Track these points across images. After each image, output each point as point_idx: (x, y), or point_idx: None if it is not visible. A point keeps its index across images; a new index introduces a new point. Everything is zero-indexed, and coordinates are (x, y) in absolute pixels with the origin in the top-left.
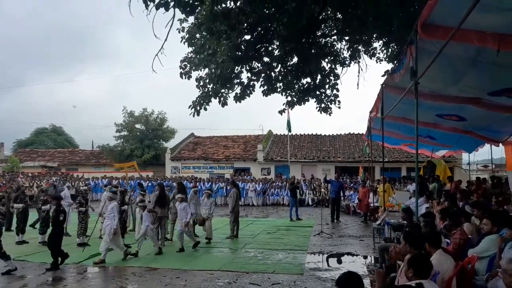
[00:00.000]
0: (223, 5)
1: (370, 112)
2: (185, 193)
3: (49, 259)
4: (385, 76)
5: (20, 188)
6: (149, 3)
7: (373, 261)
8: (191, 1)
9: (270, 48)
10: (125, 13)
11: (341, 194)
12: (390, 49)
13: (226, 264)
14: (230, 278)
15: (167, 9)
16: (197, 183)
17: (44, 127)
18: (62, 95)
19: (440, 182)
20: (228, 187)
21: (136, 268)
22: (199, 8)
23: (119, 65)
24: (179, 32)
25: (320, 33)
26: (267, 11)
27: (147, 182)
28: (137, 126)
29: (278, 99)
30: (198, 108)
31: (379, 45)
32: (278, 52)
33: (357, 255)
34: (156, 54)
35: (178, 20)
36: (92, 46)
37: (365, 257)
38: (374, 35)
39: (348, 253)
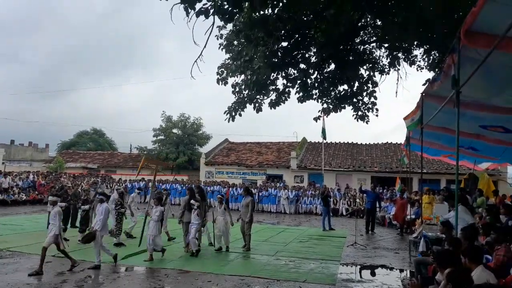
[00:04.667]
0: (261, 12)
1: (404, 118)
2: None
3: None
4: (426, 85)
5: (63, 187)
6: (189, 10)
7: (408, 275)
8: (230, 9)
9: (307, 55)
10: (169, 25)
11: (377, 205)
12: (431, 57)
13: (257, 271)
14: (261, 285)
15: (207, 17)
16: (229, 188)
17: (86, 130)
18: (107, 100)
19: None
20: (242, 195)
21: (169, 270)
22: (237, 15)
23: (163, 73)
24: (217, 39)
25: (358, 40)
26: (305, 18)
27: (182, 186)
28: (174, 131)
29: (313, 106)
30: (233, 113)
31: (420, 53)
32: (315, 58)
33: (391, 268)
34: (195, 61)
35: (217, 27)
36: (139, 54)
37: (401, 271)
38: (415, 43)
39: (382, 266)
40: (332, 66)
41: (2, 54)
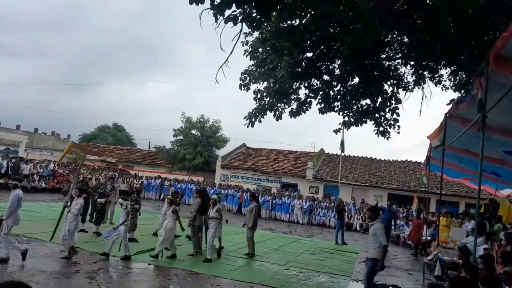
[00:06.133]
0: (289, 22)
1: (429, 138)
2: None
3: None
4: (450, 105)
5: (84, 179)
6: (218, 16)
7: None
8: (258, 17)
9: (331, 67)
10: (195, 30)
11: (392, 223)
12: (458, 78)
13: (266, 279)
14: None
15: (235, 24)
16: (243, 193)
17: (107, 124)
18: (130, 97)
19: (503, 223)
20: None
21: (180, 270)
22: (265, 24)
23: (187, 75)
24: (243, 45)
25: (384, 56)
26: (331, 30)
27: (197, 186)
28: (193, 132)
29: (334, 118)
30: (253, 119)
31: (446, 73)
32: (339, 71)
33: None
34: (221, 66)
35: (243, 33)
36: (164, 57)
37: None
38: (442, 62)
39: (394, 286)
40: (356, 79)
41: (34, 48)
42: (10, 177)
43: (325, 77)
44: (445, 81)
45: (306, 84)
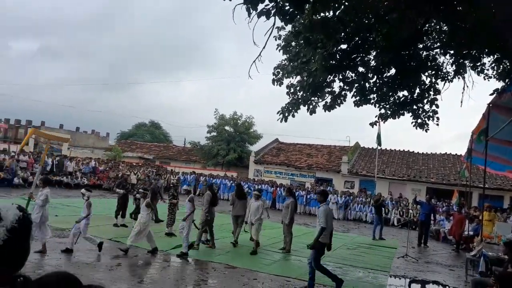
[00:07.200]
0: (322, 14)
1: (473, 132)
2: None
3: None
4: (494, 95)
5: (123, 175)
6: (251, 11)
7: None
8: (291, 10)
9: (366, 58)
10: (226, 27)
11: (432, 218)
12: (501, 66)
13: (303, 274)
14: None
15: (268, 18)
16: (277, 188)
17: (144, 122)
18: (166, 95)
19: None
20: (285, 196)
21: (217, 264)
22: (298, 16)
23: (220, 72)
24: (275, 39)
25: (421, 46)
26: (366, 21)
27: (231, 181)
28: (226, 128)
29: (369, 111)
30: (287, 114)
31: (489, 61)
32: (375, 62)
33: (445, 286)
34: (254, 61)
35: (276, 27)
36: (198, 54)
37: None
38: (485, 50)
39: (434, 282)
40: (393, 71)
41: (74, 49)
42: (55, 174)
43: (360, 69)
44: (487, 70)
45: (340, 77)
